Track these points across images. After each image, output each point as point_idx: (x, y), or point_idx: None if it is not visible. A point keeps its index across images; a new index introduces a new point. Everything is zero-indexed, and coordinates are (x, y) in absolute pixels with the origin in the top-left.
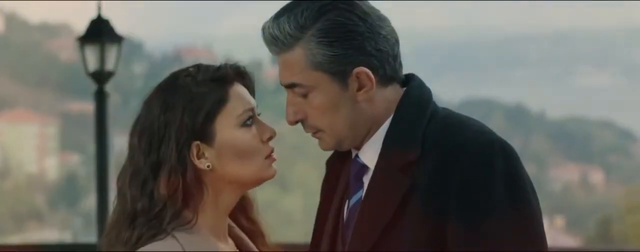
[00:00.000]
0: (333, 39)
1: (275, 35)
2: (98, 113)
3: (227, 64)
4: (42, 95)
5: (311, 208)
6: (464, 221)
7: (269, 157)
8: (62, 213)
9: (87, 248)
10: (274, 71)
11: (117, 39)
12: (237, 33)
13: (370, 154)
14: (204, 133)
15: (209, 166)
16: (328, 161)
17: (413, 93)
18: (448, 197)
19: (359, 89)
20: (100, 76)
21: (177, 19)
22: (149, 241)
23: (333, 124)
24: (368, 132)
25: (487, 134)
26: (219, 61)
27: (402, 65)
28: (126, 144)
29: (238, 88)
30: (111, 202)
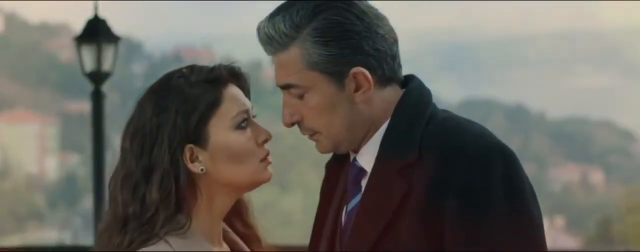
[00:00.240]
0: (329, 39)
1: (270, 35)
2: (95, 113)
3: (221, 65)
4: (41, 95)
5: (310, 209)
6: (462, 225)
7: (264, 160)
8: (61, 213)
9: (87, 250)
10: (273, 71)
11: (114, 39)
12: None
13: (368, 157)
14: (197, 136)
15: (202, 170)
16: (327, 164)
17: (412, 94)
18: (446, 200)
19: (356, 89)
20: (97, 76)
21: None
22: (141, 245)
23: (330, 126)
24: (366, 135)
25: (486, 137)
26: (219, 61)
27: (401, 66)
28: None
29: (232, 89)
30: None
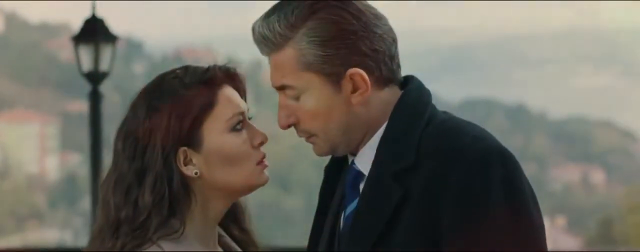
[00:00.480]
0: (325, 39)
1: (265, 35)
2: (92, 114)
3: (215, 66)
4: (42, 95)
5: (312, 208)
6: (460, 231)
7: (260, 163)
8: (62, 213)
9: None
10: None
11: (111, 39)
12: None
13: (366, 160)
14: (191, 138)
15: (196, 173)
16: (326, 167)
17: (410, 96)
18: (443, 206)
19: (353, 91)
20: (95, 76)
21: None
22: (133, 250)
23: (326, 128)
24: (364, 137)
25: (485, 140)
26: (220, 61)
27: (401, 66)
28: None
29: (227, 91)
30: None
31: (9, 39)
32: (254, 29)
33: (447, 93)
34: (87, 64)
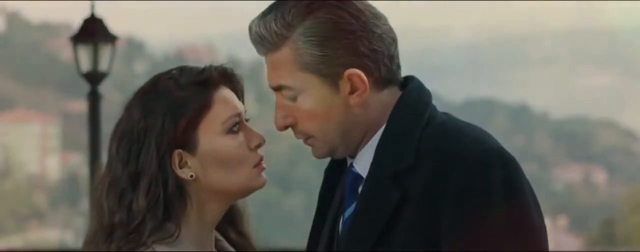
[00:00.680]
0: (322, 38)
1: (261, 35)
2: (91, 114)
3: (211, 66)
4: (43, 95)
5: (313, 208)
6: (460, 233)
7: (257, 165)
8: (63, 213)
9: None
10: None
11: (111, 39)
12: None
13: (365, 162)
14: (186, 140)
15: (192, 176)
16: (326, 169)
17: (410, 96)
18: (443, 207)
19: (351, 92)
20: (94, 77)
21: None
22: None
23: (324, 130)
24: (363, 139)
25: (485, 142)
26: (222, 60)
27: (401, 67)
28: None
29: (224, 92)
30: None
31: (11, 38)
32: (250, 28)
33: (449, 93)
34: (86, 64)
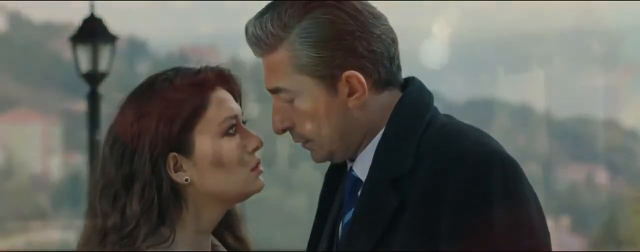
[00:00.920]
0: (319, 39)
1: (257, 36)
2: (91, 115)
3: (208, 67)
4: (45, 95)
5: (315, 209)
6: (459, 240)
7: (255, 169)
8: (66, 213)
9: None
10: None
11: (110, 39)
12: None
13: (364, 166)
14: (181, 143)
15: (187, 180)
16: (327, 172)
17: (410, 98)
18: (442, 212)
19: (349, 94)
20: (94, 77)
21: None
22: None
23: (322, 134)
24: (362, 142)
25: (486, 144)
26: (224, 60)
27: (401, 68)
28: None
29: (220, 93)
30: None
31: (13, 38)
32: (247, 29)
33: (451, 93)
34: (85, 65)
